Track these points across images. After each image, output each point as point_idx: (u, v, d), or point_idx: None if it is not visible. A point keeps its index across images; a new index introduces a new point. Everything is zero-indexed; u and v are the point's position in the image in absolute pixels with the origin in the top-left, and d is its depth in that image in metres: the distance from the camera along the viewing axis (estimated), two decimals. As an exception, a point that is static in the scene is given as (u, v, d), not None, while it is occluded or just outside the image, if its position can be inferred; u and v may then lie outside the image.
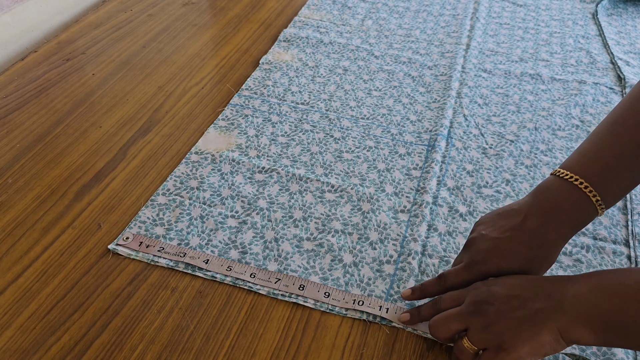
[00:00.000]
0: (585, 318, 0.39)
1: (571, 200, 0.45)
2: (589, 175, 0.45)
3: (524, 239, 0.45)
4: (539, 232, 0.45)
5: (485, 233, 0.47)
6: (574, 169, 0.46)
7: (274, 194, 0.62)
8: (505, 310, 0.41)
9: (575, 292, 0.40)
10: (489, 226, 0.48)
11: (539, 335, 0.40)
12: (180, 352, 0.47)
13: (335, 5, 1.04)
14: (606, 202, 0.45)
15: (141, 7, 1.02)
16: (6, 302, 0.50)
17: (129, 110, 0.75)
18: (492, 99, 0.80)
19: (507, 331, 0.41)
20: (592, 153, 0.47)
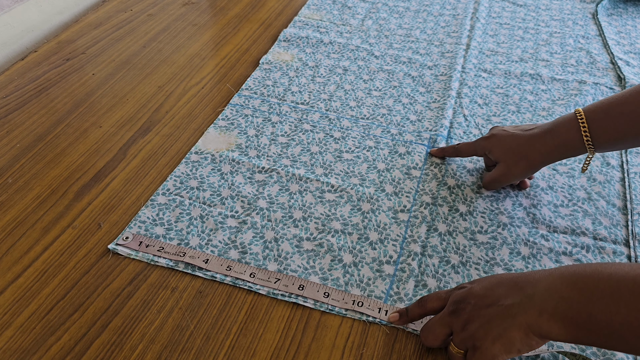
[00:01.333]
0: (554, 312, 0.38)
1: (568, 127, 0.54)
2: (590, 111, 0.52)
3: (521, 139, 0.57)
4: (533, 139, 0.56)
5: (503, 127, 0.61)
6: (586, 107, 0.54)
7: (274, 194, 0.62)
8: (479, 308, 0.41)
9: (547, 286, 0.39)
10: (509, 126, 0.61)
11: (508, 331, 0.39)
12: (180, 352, 0.47)
13: (335, 5, 1.04)
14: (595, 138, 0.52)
15: (141, 7, 1.02)
16: (6, 301, 0.50)
17: (129, 110, 0.75)
18: (492, 99, 0.80)
19: (480, 329, 0.40)
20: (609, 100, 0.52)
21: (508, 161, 0.59)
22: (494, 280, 0.43)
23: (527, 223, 0.60)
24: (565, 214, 0.61)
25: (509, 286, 0.41)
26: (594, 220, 0.60)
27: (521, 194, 0.63)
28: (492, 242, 0.57)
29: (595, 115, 0.52)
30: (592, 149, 0.53)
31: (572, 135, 0.53)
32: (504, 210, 0.61)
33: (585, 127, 0.52)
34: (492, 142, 0.60)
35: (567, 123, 0.54)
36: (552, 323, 0.38)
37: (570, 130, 0.54)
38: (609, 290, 0.36)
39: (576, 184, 0.65)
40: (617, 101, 0.52)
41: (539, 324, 0.38)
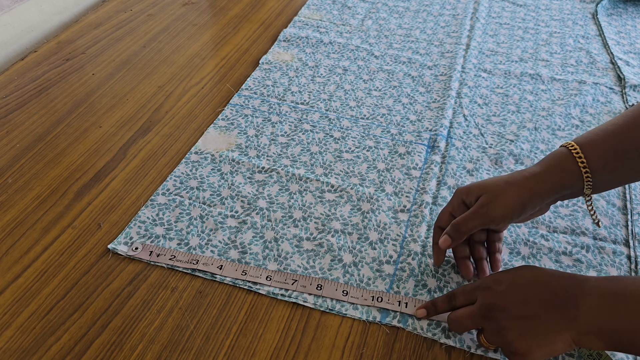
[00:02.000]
0: (598, 332, 0.40)
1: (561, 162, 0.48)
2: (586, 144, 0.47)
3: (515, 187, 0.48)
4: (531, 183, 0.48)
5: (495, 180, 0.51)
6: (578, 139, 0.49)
7: (274, 194, 0.62)
8: (517, 319, 0.42)
9: (589, 309, 0.40)
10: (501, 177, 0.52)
11: (552, 345, 0.41)
12: (180, 352, 0.47)
13: (335, 5, 1.04)
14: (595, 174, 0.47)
15: (141, 7, 1.02)
16: (6, 302, 0.50)
17: (129, 110, 0.75)
18: (492, 99, 0.80)
19: (520, 339, 0.42)
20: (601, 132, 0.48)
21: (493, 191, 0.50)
22: (529, 287, 0.43)
23: (527, 223, 0.60)
24: (565, 214, 0.61)
25: (547, 300, 0.42)
26: (593, 220, 0.60)
27: (521, 194, 0.63)
28: (492, 242, 0.57)
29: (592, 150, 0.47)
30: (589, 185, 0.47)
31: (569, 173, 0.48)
32: (503, 210, 0.61)
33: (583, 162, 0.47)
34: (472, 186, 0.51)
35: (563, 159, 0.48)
36: (596, 340, 0.40)
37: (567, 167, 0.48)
38: None
39: (576, 184, 0.65)
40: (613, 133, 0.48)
41: (583, 340, 0.41)
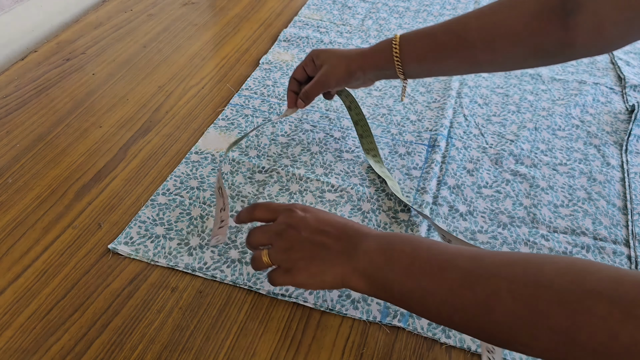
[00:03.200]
0: (363, 271, 0.43)
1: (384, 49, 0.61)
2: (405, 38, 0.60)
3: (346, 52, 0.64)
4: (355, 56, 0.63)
5: None
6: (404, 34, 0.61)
7: (274, 194, 0.62)
8: (307, 242, 0.46)
9: (366, 248, 0.44)
10: None
11: (324, 274, 0.45)
12: (180, 352, 0.47)
13: (335, 5, 1.04)
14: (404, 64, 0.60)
15: (141, 7, 1.02)
16: (6, 301, 0.50)
17: (129, 110, 0.75)
18: (492, 99, 0.80)
19: (301, 260, 0.45)
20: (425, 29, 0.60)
21: (332, 62, 0.64)
22: (329, 219, 0.47)
23: (527, 223, 0.60)
24: (565, 214, 0.61)
25: (338, 234, 0.46)
26: (594, 220, 0.60)
27: (521, 194, 0.63)
28: (492, 242, 0.57)
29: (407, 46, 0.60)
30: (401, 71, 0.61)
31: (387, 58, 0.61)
32: (504, 210, 0.61)
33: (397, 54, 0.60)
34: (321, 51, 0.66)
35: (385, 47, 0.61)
36: (360, 280, 0.43)
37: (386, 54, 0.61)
38: (405, 266, 0.41)
39: (576, 184, 0.65)
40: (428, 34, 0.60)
41: (349, 277, 0.44)
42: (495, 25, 0.56)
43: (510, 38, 0.55)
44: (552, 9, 0.53)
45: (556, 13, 0.53)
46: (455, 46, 0.58)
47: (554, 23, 0.53)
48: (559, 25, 0.53)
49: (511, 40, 0.56)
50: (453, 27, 0.58)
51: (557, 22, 0.53)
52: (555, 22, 0.53)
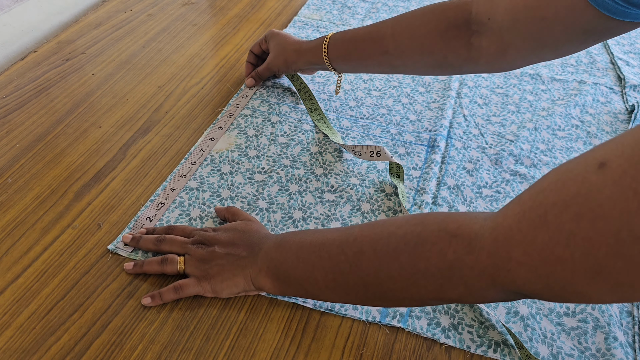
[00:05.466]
0: (267, 270, 0.48)
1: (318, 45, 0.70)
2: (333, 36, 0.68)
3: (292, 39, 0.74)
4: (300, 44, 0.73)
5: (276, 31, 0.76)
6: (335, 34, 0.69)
7: (274, 194, 0.62)
8: (219, 254, 0.50)
9: (266, 249, 0.49)
10: None
11: (236, 277, 0.49)
12: (180, 352, 0.47)
13: (335, 5, 1.04)
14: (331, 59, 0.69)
15: (141, 7, 1.02)
16: (6, 302, 0.50)
17: (129, 110, 0.75)
18: (492, 99, 0.80)
19: (214, 267, 0.50)
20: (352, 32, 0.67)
21: (275, 52, 0.75)
22: (238, 235, 0.52)
23: (527, 223, 0.60)
24: (565, 214, 0.61)
25: (245, 244, 0.51)
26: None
27: (521, 194, 0.63)
28: (491, 242, 0.57)
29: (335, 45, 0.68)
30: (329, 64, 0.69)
31: (319, 54, 0.69)
32: (503, 210, 0.61)
33: (325, 51, 0.68)
34: (273, 34, 0.76)
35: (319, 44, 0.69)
36: (266, 279, 0.48)
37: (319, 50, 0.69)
38: (295, 251, 0.47)
39: (576, 184, 0.65)
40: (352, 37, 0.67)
41: (256, 277, 0.49)
42: (407, 36, 0.62)
43: (418, 49, 0.62)
44: (457, 27, 0.59)
45: (461, 32, 0.59)
46: (374, 51, 0.65)
47: (457, 41, 0.59)
48: (462, 43, 0.59)
49: (419, 52, 0.62)
50: (373, 34, 0.65)
51: (460, 41, 0.59)
52: (459, 41, 0.59)
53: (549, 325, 0.50)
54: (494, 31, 0.55)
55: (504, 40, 0.55)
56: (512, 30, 0.54)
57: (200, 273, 0.50)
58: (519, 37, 0.54)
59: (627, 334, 0.49)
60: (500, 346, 0.48)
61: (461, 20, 0.58)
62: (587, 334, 0.49)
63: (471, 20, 0.57)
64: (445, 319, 0.50)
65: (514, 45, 0.55)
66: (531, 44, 0.54)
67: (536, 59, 0.58)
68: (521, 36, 0.54)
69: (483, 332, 0.49)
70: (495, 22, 0.55)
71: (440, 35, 0.60)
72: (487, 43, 0.57)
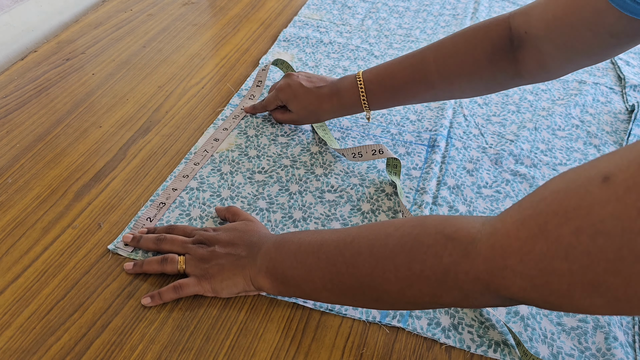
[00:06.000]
0: (266, 270, 0.48)
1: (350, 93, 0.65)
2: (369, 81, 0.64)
3: (313, 97, 0.68)
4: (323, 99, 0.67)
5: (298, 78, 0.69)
6: (366, 73, 0.65)
7: (274, 194, 0.62)
8: (219, 253, 0.50)
9: (266, 249, 0.49)
10: (304, 77, 0.70)
11: (235, 277, 0.49)
12: (180, 352, 0.47)
13: (335, 5, 1.04)
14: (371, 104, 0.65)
15: (141, 6, 1.02)
16: (6, 301, 0.50)
17: (129, 110, 0.75)
18: (492, 99, 0.80)
19: (215, 266, 0.50)
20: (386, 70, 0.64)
21: (300, 114, 0.70)
22: (238, 235, 0.52)
23: (527, 223, 0.60)
24: (565, 214, 0.61)
25: (245, 244, 0.51)
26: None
27: (521, 194, 0.63)
28: (492, 242, 0.57)
29: (371, 86, 0.64)
30: (368, 109, 0.66)
31: (354, 99, 0.65)
32: (504, 210, 0.61)
33: (364, 95, 0.65)
34: (288, 95, 0.69)
35: (350, 88, 0.65)
36: (265, 279, 0.48)
37: (352, 95, 0.65)
38: (293, 252, 0.47)
39: (576, 184, 0.65)
40: (390, 73, 0.64)
41: (256, 277, 0.49)
42: (454, 68, 0.61)
43: (466, 78, 0.61)
44: (503, 49, 0.58)
45: (506, 51, 0.58)
46: (419, 90, 0.64)
47: (505, 61, 0.59)
48: (508, 62, 0.59)
49: (467, 80, 0.61)
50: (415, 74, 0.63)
51: (507, 60, 0.59)
52: (506, 60, 0.59)
53: (549, 325, 0.50)
54: (531, 43, 0.56)
55: (542, 51, 0.56)
56: (546, 40, 0.54)
57: (200, 272, 0.50)
58: (554, 47, 0.54)
59: (627, 333, 0.49)
60: (500, 346, 0.48)
61: (505, 39, 0.58)
62: (587, 334, 0.49)
63: (512, 37, 0.58)
64: (446, 319, 0.50)
65: (550, 55, 0.56)
66: (565, 52, 0.54)
67: (574, 67, 0.58)
68: (555, 45, 0.54)
69: (483, 332, 0.49)
70: (532, 34, 0.55)
71: (488, 59, 0.59)
72: (528, 56, 0.57)
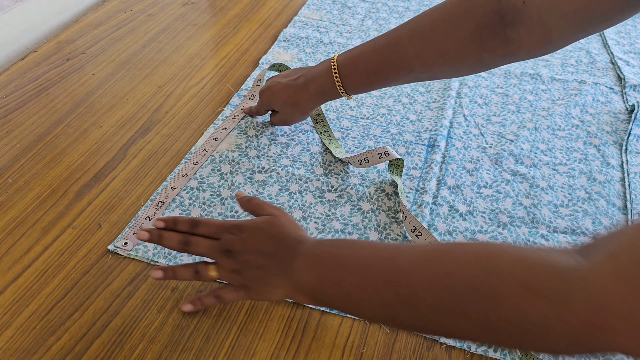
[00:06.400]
0: (301, 289, 0.45)
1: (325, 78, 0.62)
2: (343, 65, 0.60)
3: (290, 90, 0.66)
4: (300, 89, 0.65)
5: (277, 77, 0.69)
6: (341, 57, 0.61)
7: (274, 194, 0.62)
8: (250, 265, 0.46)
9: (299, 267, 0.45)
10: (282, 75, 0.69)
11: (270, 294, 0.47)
12: (180, 352, 0.47)
13: (335, 5, 1.04)
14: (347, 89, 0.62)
15: (141, 7, 1.02)
16: (6, 301, 0.50)
17: (129, 110, 0.75)
18: (492, 99, 0.80)
19: (248, 281, 0.47)
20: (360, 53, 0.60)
21: (284, 111, 0.68)
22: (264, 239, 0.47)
23: (527, 223, 0.60)
24: (565, 214, 0.61)
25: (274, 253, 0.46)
26: (594, 220, 0.60)
27: (521, 194, 0.63)
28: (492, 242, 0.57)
29: (345, 70, 0.61)
30: (345, 94, 0.63)
31: (329, 85, 0.62)
32: (504, 210, 0.61)
33: (338, 79, 0.61)
34: (268, 96, 0.69)
35: (325, 73, 0.62)
36: (301, 296, 0.46)
37: (328, 80, 0.62)
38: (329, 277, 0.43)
39: (576, 184, 0.65)
40: (364, 56, 0.60)
41: (293, 295, 0.47)
42: (433, 50, 0.55)
43: (449, 61, 0.55)
44: (489, 25, 0.51)
45: (495, 29, 0.51)
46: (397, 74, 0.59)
47: (493, 40, 0.52)
48: (499, 41, 0.52)
49: (450, 63, 0.55)
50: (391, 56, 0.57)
51: (496, 39, 0.51)
52: (495, 39, 0.52)
53: (549, 325, 0.50)
54: (531, 17, 0.48)
55: (546, 24, 0.48)
56: (554, 10, 0.47)
57: (235, 283, 0.47)
58: (563, 18, 0.47)
59: (627, 333, 0.49)
60: (500, 346, 0.48)
61: (491, 15, 0.50)
62: (587, 334, 0.49)
63: (502, 11, 0.50)
64: (446, 319, 0.50)
65: (557, 27, 0.48)
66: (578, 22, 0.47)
67: (584, 35, 0.51)
68: (565, 16, 0.47)
69: (483, 331, 0.49)
70: (533, 4, 0.48)
71: (472, 40, 0.52)
72: (527, 31, 0.50)
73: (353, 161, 0.65)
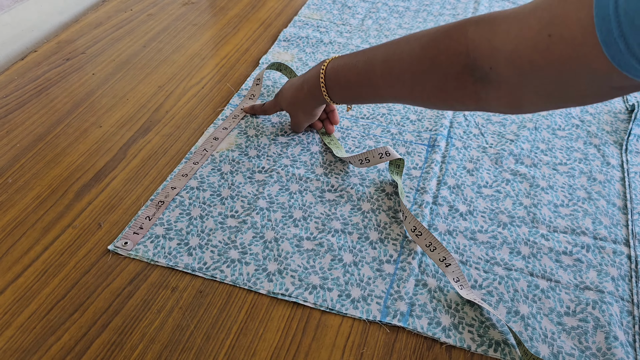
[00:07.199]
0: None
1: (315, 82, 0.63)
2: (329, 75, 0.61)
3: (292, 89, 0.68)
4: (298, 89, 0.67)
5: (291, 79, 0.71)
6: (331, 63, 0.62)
7: (274, 194, 0.62)
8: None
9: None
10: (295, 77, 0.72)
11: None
12: (180, 352, 0.47)
13: (335, 5, 1.04)
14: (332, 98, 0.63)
15: (141, 6, 1.02)
16: (6, 301, 0.50)
17: (129, 109, 0.75)
18: (492, 99, 0.80)
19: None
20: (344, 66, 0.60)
21: (290, 111, 0.70)
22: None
23: (527, 222, 0.60)
24: (565, 214, 0.61)
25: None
26: (594, 220, 0.60)
27: (521, 194, 0.63)
28: (492, 242, 0.58)
29: (330, 82, 0.61)
30: (332, 102, 0.64)
31: (318, 91, 0.63)
32: (504, 209, 0.61)
33: (324, 88, 0.62)
34: (279, 96, 0.71)
35: (315, 79, 0.63)
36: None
37: (316, 85, 0.63)
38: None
39: (576, 184, 0.65)
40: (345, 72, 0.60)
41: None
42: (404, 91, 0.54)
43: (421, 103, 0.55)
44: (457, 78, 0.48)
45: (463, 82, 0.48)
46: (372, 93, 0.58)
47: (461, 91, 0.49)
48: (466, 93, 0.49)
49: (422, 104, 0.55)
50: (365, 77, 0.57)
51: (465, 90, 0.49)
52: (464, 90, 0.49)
53: (550, 324, 0.50)
54: (500, 84, 0.45)
55: (516, 95, 0.46)
56: (521, 87, 0.44)
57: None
58: (532, 93, 0.44)
59: (627, 333, 0.49)
60: (500, 345, 0.48)
61: (458, 66, 0.48)
62: (587, 334, 0.49)
63: (470, 66, 0.47)
64: (446, 318, 0.50)
65: (529, 101, 0.46)
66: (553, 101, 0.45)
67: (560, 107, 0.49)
68: (534, 91, 0.44)
69: (484, 331, 0.49)
70: (500, 75, 0.44)
71: (441, 89, 0.50)
72: (497, 95, 0.47)
73: (354, 161, 0.65)
